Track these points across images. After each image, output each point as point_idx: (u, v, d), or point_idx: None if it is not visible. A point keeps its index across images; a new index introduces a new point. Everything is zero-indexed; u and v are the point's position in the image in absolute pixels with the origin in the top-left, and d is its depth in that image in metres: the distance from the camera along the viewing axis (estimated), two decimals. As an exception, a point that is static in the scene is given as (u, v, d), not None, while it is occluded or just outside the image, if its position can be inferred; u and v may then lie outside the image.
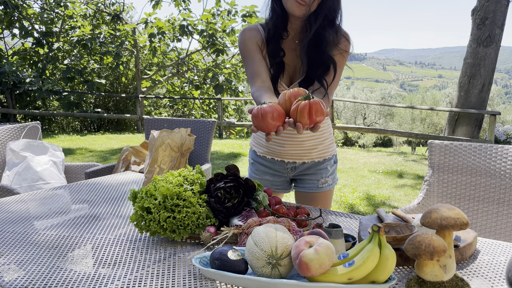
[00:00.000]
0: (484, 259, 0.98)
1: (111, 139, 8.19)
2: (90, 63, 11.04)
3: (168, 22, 10.97)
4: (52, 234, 1.14)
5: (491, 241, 1.08)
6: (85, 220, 1.26)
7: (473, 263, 0.96)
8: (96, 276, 0.90)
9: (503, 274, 0.90)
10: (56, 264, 0.96)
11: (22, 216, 1.30)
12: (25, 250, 1.03)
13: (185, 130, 2.20)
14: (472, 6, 7.11)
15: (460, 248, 0.95)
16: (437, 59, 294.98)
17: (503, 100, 39.05)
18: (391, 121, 20.27)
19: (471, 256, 0.99)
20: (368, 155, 6.73)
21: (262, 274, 0.83)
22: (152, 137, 2.12)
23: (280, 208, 1.13)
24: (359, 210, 3.60)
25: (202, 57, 12.28)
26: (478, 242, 1.07)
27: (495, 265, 0.95)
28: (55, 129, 11.43)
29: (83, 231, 1.17)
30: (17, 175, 2.25)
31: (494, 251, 1.02)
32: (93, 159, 5.85)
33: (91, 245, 1.07)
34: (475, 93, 7.08)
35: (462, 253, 0.95)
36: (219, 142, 7.94)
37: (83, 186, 1.69)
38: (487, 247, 1.04)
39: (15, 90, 9.39)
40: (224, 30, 10.80)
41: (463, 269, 0.93)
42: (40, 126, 2.62)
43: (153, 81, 11.69)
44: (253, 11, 10.73)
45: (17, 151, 2.31)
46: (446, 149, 1.57)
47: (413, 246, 0.80)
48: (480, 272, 0.91)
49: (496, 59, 7.04)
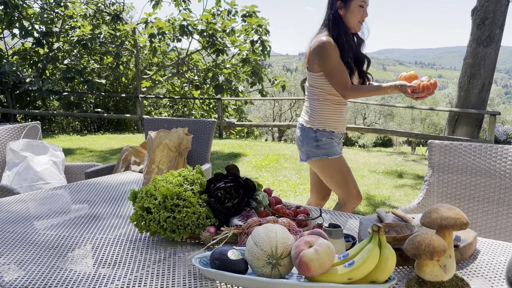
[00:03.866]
0: (484, 259, 0.98)
1: (111, 139, 8.19)
2: (90, 63, 11.04)
3: (168, 22, 10.97)
4: (52, 234, 1.14)
5: (491, 241, 1.08)
6: (85, 220, 1.26)
7: (473, 263, 0.96)
8: (96, 276, 0.90)
9: (503, 274, 0.90)
10: (56, 264, 0.96)
11: (22, 216, 1.30)
12: (25, 250, 1.03)
13: (182, 129, 2.21)
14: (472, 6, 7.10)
15: (460, 248, 0.95)
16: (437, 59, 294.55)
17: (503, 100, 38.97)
18: (391, 121, 20.28)
19: (471, 256, 0.99)
20: (368, 155, 6.73)
21: (262, 274, 0.83)
22: (149, 138, 2.12)
23: (280, 208, 1.13)
24: (359, 210, 3.60)
25: (202, 57, 12.28)
26: (478, 242, 1.07)
27: (495, 265, 0.94)
28: (55, 129, 11.43)
29: (83, 231, 1.17)
30: (17, 175, 2.25)
31: (494, 251, 1.02)
32: (93, 159, 5.85)
33: (91, 245, 1.07)
34: (475, 93, 7.07)
35: (462, 253, 0.95)
36: (219, 142, 7.94)
37: (83, 186, 1.69)
38: (487, 247, 1.04)
39: (15, 90, 9.39)
40: (224, 30, 10.79)
41: (463, 269, 0.93)
42: (40, 126, 2.62)
43: (153, 81, 11.69)
44: (253, 11, 10.72)
45: (17, 151, 2.31)
46: (446, 149, 1.57)
47: (413, 246, 0.80)
48: (480, 272, 0.91)
49: (496, 59, 7.03)
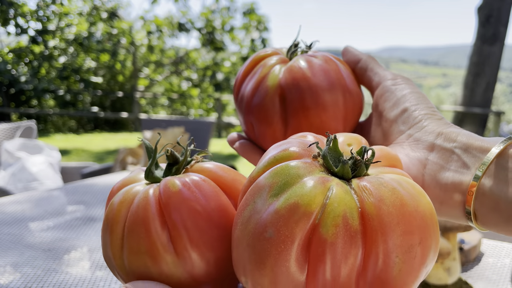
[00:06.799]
0: (488, 262, 0.96)
1: (108, 139, 8.15)
2: (86, 61, 10.98)
3: (167, 20, 10.93)
4: (47, 236, 1.12)
5: (496, 243, 1.07)
6: (81, 222, 1.24)
7: (478, 265, 0.94)
8: (92, 279, 0.88)
9: (508, 277, 0.89)
10: (52, 266, 0.94)
11: (17, 217, 1.28)
12: (20, 252, 1.01)
13: (178, 128, 2.19)
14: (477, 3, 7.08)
15: (465, 251, 0.93)
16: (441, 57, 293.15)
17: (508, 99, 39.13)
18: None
19: (475, 258, 0.98)
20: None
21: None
22: (145, 138, 2.10)
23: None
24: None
25: (201, 56, 12.24)
26: (482, 244, 1.06)
27: (499, 268, 0.93)
28: (50, 128, 11.37)
29: (79, 233, 1.15)
30: (12, 176, 2.22)
31: (499, 253, 1.01)
32: (89, 159, 5.81)
33: (88, 247, 1.05)
34: (480, 92, 7.05)
35: (467, 255, 0.94)
36: (219, 142, 7.91)
37: (79, 187, 1.66)
38: (492, 249, 1.03)
39: (10, 88, 9.32)
40: (223, 27, 10.76)
41: (467, 271, 0.92)
42: (36, 125, 2.59)
43: (150, 79, 11.65)
44: (253, 8, 10.69)
45: (12, 151, 2.28)
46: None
47: (417, 249, 0.78)
48: (484, 275, 0.90)
49: (500, 57, 7.01)
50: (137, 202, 0.29)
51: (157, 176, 0.32)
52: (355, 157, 0.26)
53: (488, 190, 0.30)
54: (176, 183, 0.29)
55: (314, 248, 0.23)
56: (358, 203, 0.24)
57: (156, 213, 0.28)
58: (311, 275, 0.23)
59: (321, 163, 0.26)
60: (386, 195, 0.24)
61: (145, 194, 0.29)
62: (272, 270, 0.24)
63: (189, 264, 0.28)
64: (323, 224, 0.23)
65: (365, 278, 0.23)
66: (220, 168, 0.32)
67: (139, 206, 0.29)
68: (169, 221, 0.28)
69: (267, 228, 0.24)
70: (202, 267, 0.29)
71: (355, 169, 0.26)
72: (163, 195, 0.29)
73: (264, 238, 0.24)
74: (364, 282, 0.23)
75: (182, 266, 0.28)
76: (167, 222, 0.28)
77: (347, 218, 0.23)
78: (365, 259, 0.23)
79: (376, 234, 0.23)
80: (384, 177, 0.25)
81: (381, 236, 0.23)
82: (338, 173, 0.26)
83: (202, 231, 0.28)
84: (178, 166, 0.33)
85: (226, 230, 0.29)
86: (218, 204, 0.29)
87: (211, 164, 0.33)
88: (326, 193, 0.24)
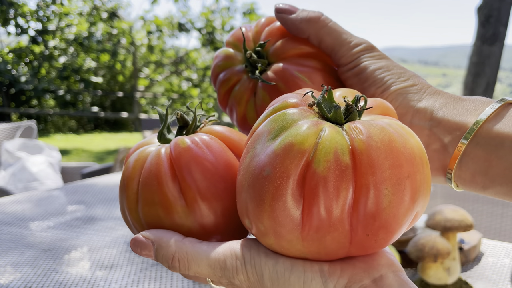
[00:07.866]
0: (488, 261, 0.96)
1: (108, 139, 8.15)
2: (86, 61, 10.98)
3: (167, 20, 10.93)
4: (47, 236, 1.12)
5: (496, 243, 1.07)
6: (81, 222, 1.24)
7: (477, 265, 0.95)
8: (92, 279, 0.88)
9: (508, 277, 0.89)
10: (52, 266, 0.94)
11: (17, 217, 1.28)
12: (21, 252, 1.01)
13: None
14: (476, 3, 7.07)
15: (465, 251, 0.93)
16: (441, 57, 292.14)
17: (508, 99, 39.04)
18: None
19: (475, 258, 0.98)
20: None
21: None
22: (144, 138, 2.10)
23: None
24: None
25: (201, 56, 12.24)
26: (482, 244, 1.06)
27: (499, 268, 0.93)
28: (50, 128, 11.37)
29: (79, 233, 1.15)
30: (12, 176, 2.22)
31: (499, 253, 1.01)
32: (90, 159, 5.82)
33: (88, 247, 1.05)
34: (479, 92, 7.05)
35: (467, 255, 0.94)
36: (217, 141, 7.91)
37: (79, 187, 1.66)
38: (492, 249, 1.03)
39: (10, 88, 9.33)
40: (223, 27, 10.76)
41: (467, 271, 0.92)
42: (36, 125, 2.59)
43: (150, 79, 11.65)
44: (253, 9, 10.70)
45: (12, 151, 2.28)
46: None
47: (416, 249, 0.78)
48: (484, 275, 0.90)
49: (500, 57, 7.01)
50: (150, 159, 0.32)
51: (169, 138, 0.35)
52: (348, 103, 0.27)
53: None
54: (186, 140, 0.32)
55: (308, 183, 0.24)
56: (349, 142, 0.25)
57: (167, 167, 0.31)
58: (306, 209, 0.25)
59: (317, 111, 0.28)
60: (375, 133, 0.25)
61: (157, 152, 0.32)
62: (270, 206, 0.25)
63: (198, 214, 0.30)
64: (316, 160, 0.24)
65: (357, 212, 0.24)
66: (227, 129, 0.35)
67: (151, 163, 0.31)
68: (179, 174, 0.30)
69: (264, 168, 0.25)
70: (211, 217, 0.31)
71: (348, 115, 0.27)
72: (174, 151, 0.31)
73: (262, 177, 0.25)
74: (357, 216, 0.25)
75: (192, 216, 0.30)
76: (178, 176, 0.30)
77: (338, 154, 0.24)
78: (356, 193, 0.24)
79: (365, 168, 0.24)
80: (375, 120, 0.27)
81: (370, 169, 0.24)
82: (332, 118, 0.27)
83: (210, 183, 0.30)
84: (188, 128, 0.35)
85: (233, 183, 0.31)
86: (224, 159, 0.31)
87: (218, 126, 0.35)
88: (318, 133, 0.25)
